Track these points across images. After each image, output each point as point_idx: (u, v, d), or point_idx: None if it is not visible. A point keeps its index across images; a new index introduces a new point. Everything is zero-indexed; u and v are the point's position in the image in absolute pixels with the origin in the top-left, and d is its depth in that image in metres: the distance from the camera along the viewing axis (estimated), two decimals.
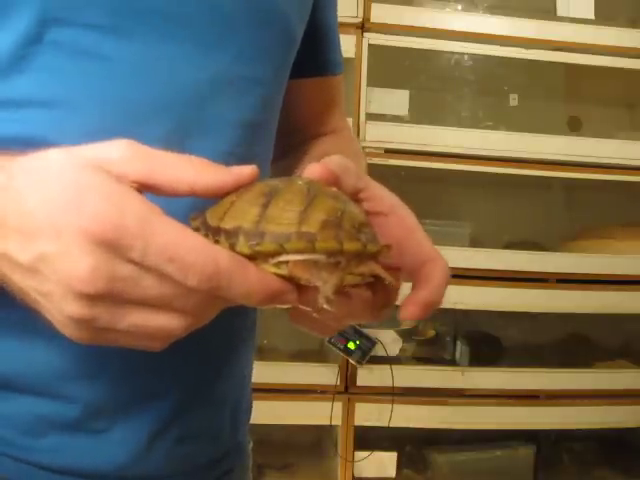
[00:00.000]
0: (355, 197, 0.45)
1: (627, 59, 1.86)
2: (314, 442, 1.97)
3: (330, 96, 0.75)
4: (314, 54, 0.68)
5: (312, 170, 0.43)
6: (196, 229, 0.40)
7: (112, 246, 0.35)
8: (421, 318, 0.44)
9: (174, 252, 0.35)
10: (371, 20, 1.76)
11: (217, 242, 0.38)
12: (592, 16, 1.86)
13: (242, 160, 0.43)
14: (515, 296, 1.81)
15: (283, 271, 0.38)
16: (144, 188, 0.38)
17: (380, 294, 0.43)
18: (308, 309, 0.41)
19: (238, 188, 0.41)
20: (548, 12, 1.87)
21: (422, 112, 1.90)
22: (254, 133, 0.56)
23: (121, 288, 0.36)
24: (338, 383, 1.75)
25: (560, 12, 1.86)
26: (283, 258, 0.38)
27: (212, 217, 0.40)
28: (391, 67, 1.94)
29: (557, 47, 1.85)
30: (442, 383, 1.80)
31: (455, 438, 1.90)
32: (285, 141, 0.68)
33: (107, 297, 0.36)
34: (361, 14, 1.74)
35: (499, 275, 1.80)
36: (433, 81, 2.01)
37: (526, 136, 1.83)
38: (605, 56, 1.85)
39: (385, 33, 1.78)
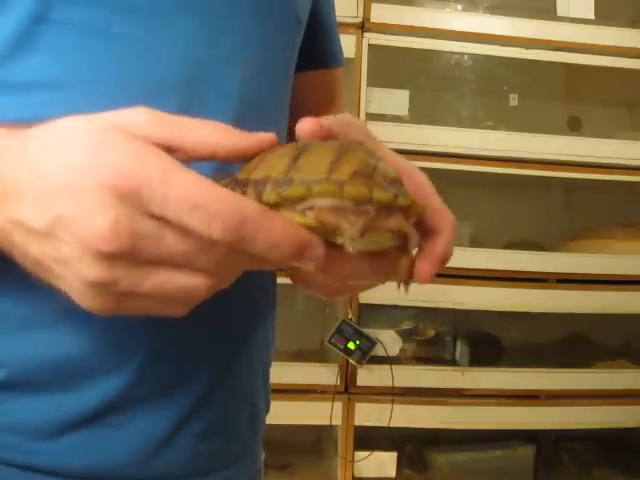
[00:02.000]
0: None
1: (627, 59, 1.86)
2: (314, 442, 1.97)
3: (332, 89, 0.75)
4: (314, 46, 0.68)
5: (302, 126, 0.41)
6: (225, 186, 0.39)
7: (133, 199, 0.34)
8: (434, 274, 0.42)
9: (197, 200, 0.34)
10: (371, 20, 1.76)
11: (244, 193, 0.37)
12: (592, 16, 1.86)
13: None
14: (515, 296, 1.80)
15: (309, 220, 0.36)
16: (166, 151, 0.37)
17: (403, 261, 0.41)
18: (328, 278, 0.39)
19: (260, 152, 0.40)
20: (548, 12, 1.87)
21: (422, 112, 1.90)
22: (266, 111, 0.55)
23: (143, 245, 0.34)
24: (338, 383, 1.75)
25: (560, 12, 1.86)
26: (309, 203, 0.36)
27: (242, 173, 0.40)
28: (391, 67, 1.93)
29: (557, 47, 1.84)
30: (442, 383, 1.80)
31: (455, 438, 1.90)
32: (291, 139, 0.68)
33: (128, 256, 0.34)
34: (361, 14, 1.74)
35: (499, 275, 1.80)
36: (433, 81, 2.01)
37: (526, 136, 1.83)
38: (605, 56, 1.85)
39: (385, 33, 1.78)
